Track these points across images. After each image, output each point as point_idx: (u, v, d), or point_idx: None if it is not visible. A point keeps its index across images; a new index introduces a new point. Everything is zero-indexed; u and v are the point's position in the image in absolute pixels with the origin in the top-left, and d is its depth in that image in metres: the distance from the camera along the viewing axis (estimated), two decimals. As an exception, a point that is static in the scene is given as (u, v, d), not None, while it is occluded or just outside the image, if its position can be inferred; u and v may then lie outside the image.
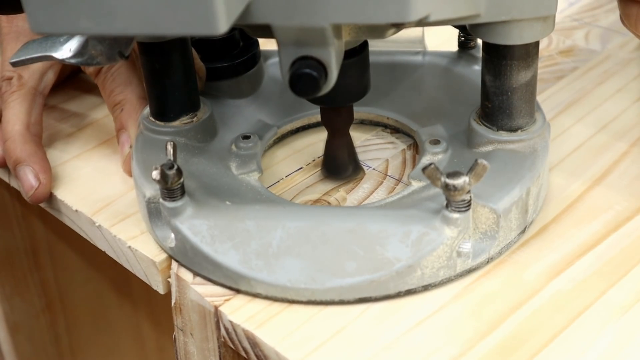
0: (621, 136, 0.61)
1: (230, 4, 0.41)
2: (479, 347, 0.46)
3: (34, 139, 0.61)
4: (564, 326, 0.47)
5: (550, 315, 0.47)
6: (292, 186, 0.58)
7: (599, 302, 0.48)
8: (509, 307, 0.48)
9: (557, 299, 0.48)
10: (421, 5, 0.43)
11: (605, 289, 0.49)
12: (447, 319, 0.47)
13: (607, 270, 0.50)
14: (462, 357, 0.45)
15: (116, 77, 0.61)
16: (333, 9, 0.43)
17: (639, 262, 0.51)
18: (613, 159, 0.59)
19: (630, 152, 0.60)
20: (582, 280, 0.50)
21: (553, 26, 0.50)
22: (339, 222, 0.49)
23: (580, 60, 0.71)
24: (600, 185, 0.57)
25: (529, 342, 0.46)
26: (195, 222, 0.50)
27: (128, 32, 0.41)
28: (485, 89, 0.53)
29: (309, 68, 0.46)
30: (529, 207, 0.51)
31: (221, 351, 0.51)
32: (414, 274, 0.48)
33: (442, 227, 0.48)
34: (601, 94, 0.66)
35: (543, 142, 0.53)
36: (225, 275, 0.49)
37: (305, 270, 0.48)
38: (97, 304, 0.88)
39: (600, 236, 0.53)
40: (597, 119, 0.63)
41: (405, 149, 0.61)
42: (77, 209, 0.58)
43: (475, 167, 0.46)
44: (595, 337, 0.46)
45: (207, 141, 0.58)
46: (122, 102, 0.60)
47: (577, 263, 0.51)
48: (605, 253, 0.51)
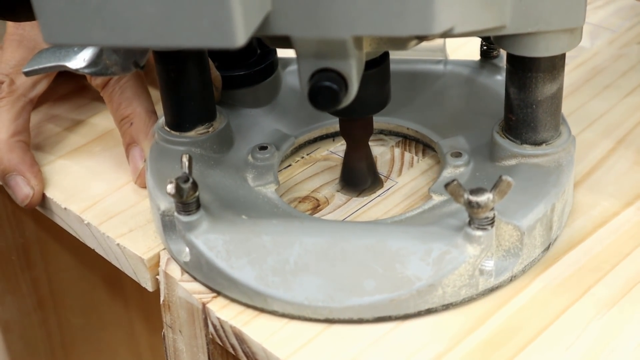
0: (609, 133, 0.61)
1: (248, 15, 0.40)
2: (465, 343, 0.46)
3: (21, 145, 0.61)
4: (550, 322, 0.47)
5: (536, 311, 0.47)
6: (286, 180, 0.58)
7: (584, 297, 0.48)
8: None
9: (543, 295, 0.48)
10: (445, 18, 0.42)
11: (591, 285, 0.49)
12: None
13: (592, 266, 0.50)
14: (449, 352, 0.45)
15: (124, 90, 0.60)
16: (354, 21, 0.42)
17: (624, 257, 0.51)
18: (600, 155, 0.59)
19: (618, 148, 0.59)
20: (568, 276, 0.50)
21: (580, 38, 0.49)
22: (358, 238, 0.48)
23: (569, 56, 0.71)
24: (587, 181, 0.57)
25: (515, 338, 0.46)
26: (211, 236, 0.49)
27: (143, 44, 0.40)
28: (509, 102, 0.51)
29: (329, 81, 0.44)
30: (553, 224, 0.50)
31: (209, 348, 0.51)
32: (434, 292, 0.46)
33: (465, 245, 0.46)
34: (589, 90, 0.66)
35: (568, 156, 0.52)
36: (240, 292, 0.48)
37: (323, 288, 0.46)
38: (88, 302, 0.88)
39: (586, 232, 0.53)
40: (585, 115, 0.63)
41: (394, 145, 0.60)
42: (66, 207, 0.58)
43: (500, 184, 0.45)
44: (581, 333, 0.46)
45: (224, 152, 0.57)
46: (130, 116, 0.59)
47: (563, 259, 0.51)
48: (591, 249, 0.51)
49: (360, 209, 0.56)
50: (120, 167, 0.61)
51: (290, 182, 0.58)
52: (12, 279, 0.81)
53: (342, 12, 0.42)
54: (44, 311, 0.85)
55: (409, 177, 0.58)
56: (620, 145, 0.60)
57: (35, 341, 0.86)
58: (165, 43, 0.40)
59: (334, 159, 0.60)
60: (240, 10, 0.39)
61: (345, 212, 0.55)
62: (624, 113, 0.63)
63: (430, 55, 0.63)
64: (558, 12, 0.46)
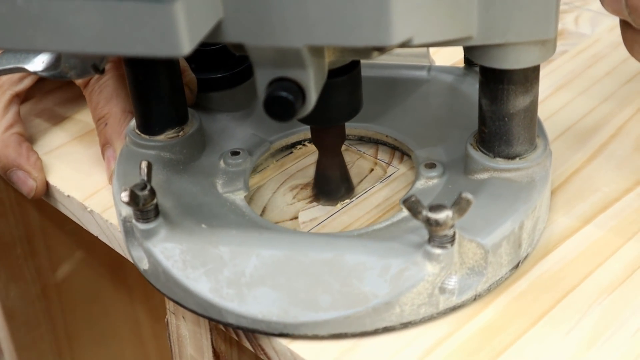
0: (609, 119, 0.61)
1: (195, 23, 0.39)
2: (466, 328, 0.46)
3: (15, 138, 0.61)
4: (550, 306, 0.47)
5: (536, 295, 0.47)
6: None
7: (586, 282, 0.48)
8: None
9: (545, 279, 0.48)
10: (403, 28, 0.40)
11: (592, 269, 0.49)
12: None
13: (593, 251, 0.50)
14: (450, 337, 0.45)
15: (103, 89, 0.59)
16: (307, 30, 0.40)
17: (626, 242, 0.51)
18: (601, 141, 0.59)
19: (618, 134, 0.60)
20: (569, 261, 0.50)
21: (554, 50, 0.47)
22: (316, 252, 0.46)
23: (570, 43, 0.72)
24: (588, 167, 0.57)
25: (515, 322, 0.46)
26: (168, 245, 0.48)
27: (86, 51, 0.39)
28: (481, 113, 0.50)
29: (285, 91, 0.43)
30: (522, 242, 0.48)
31: (213, 334, 0.51)
32: (392, 310, 0.45)
33: (424, 263, 0.45)
34: (590, 77, 0.66)
35: (542, 171, 0.50)
36: (196, 303, 0.47)
37: (278, 302, 0.45)
38: (92, 290, 0.89)
39: (588, 217, 0.53)
40: (586, 102, 0.63)
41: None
42: (69, 195, 0.59)
43: (460, 202, 0.43)
44: (581, 318, 0.46)
45: (194, 156, 0.56)
46: (106, 116, 0.58)
47: (564, 243, 0.51)
48: (592, 234, 0.51)
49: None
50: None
51: (292, 169, 0.58)
52: (16, 268, 0.81)
53: (294, 21, 0.40)
54: (48, 299, 0.85)
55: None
56: (621, 130, 0.60)
57: (39, 329, 0.86)
58: (108, 50, 0.39)
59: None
60: (185, 19, 0.38)
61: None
62: (625, 99, 0.63)
63: (415, 60, 0.62)
64: (527, 23, 0.44)
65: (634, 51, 0.46)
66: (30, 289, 0.83)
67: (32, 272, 0.83)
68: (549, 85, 0.66)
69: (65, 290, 0.86)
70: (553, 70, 0.68)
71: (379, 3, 0.39)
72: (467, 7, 0.43)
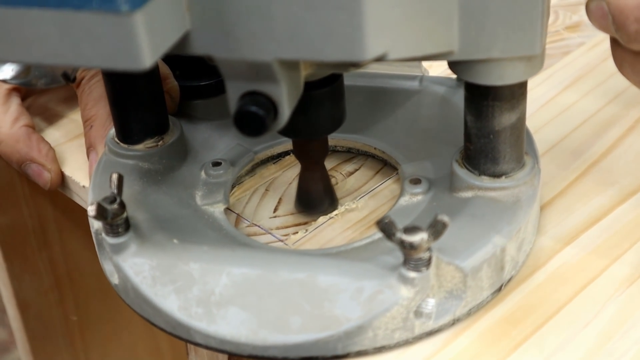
0: (626, 112, 0.61)
1: (157, 35, 0.37)
2: (485, 319, 0.46)
3: (24, 131, 0.60)
4: (568, 299, 0.47)
5: (554, 288, 0.47)
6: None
7: (603, 275, 0.48)
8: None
9: (562, 272, 0.48)
10: (377, 43, 0.39)
11: (609, 263, 0.49)
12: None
13: (611, 244, 0.50)
14: (469, 327, 0.45)
15: (92, 90, 0.58)
16: (277, 44, 0.39)
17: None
18: (618, 133, 0.59)
19: (636, 127, 0.59)
20: (586, 254, 0.49)
21: (541, 65, 0.45)
22: (288, 271, 0.45)
23: (587, 35, 0.71)
24: (606, 159, 0.56)
25: (533, 314, 0.46)
26: (138, 260, 0.46)
27: (43, 62, 0.38)
28: (466, 130, 0.48)
29: (256, 105, 0.41)
30: (505, 264, 0.46)
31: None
32: (365, 334, 0.43)
33: (398, 286, 0.43)
34: (607, 69, 0.65)
35: (530, 190, 0.48)
36: (164, 321, 0.45)
37: (247, 323, 0.44)
38: (105, 281, 0.87)
39: (605, 210, 0.52)
40: (603, 94, 0.62)
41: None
42: (85, 185, 0.58)
43: (435, 224, 0.42)
44: (599, 310, 0.46)
45: (175, 166, 0.54)
46: (92, 119, 0.57)
47: (581, 237, 0.51)
48: (609, 227, 0.51)
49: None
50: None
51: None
52: (30, 259, 0.81)
53: (263, 34, 0.39)
54: (61, 291, 0.85)
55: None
56: (639, 123, 0.59)
57: (52, 320, 0.86)
58: (66, 62, 0.37)
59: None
60: (146, 31, 0.36)
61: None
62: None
63: (407, 69, 0.60)
64: (511, 38, 0.42)
65: (623, 69, 0.44)
66: (43, 280, 0.83)
67: (46, 263, 0.82)
68: (565, 78, 0.65)
69: (79, 281, 0.86)
70: (569, 62, 0.67)
71: (351, 17, 0.38)
72: (446, 21, 0.41)
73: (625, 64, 0.43)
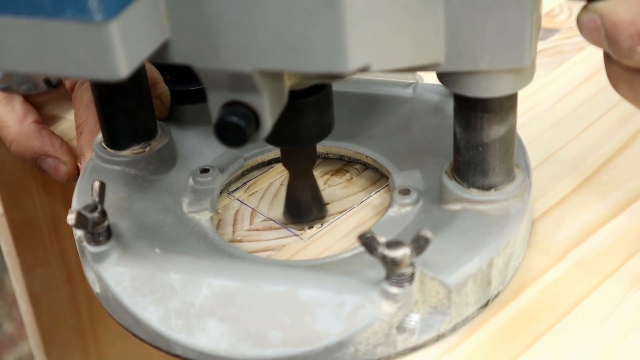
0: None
1: (134, 44, 0.36)
2: (498, 316, 0.46)
3: (34, 127, 0.60)
4: (585, 295, 0.47)
5: (570, 285, 0.47)
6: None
7: (620, 271, 0.48)
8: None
9: (578, 268, 0.48)
10: (359, 54, 0.38)
11: (625, 259, 0.48)
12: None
13: (627, 241, 0.50)
14: (482, 325, 0.45)
15: (83, 95, 0.57)
16: (258, 55, 0.38)
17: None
18: (634, 130, 0.58)
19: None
20: (602, 250, 0.49)
21: (530, 78, 0.44)
22: (269, 284, 0.44)
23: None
24: (621, 156, 0.56)
25: (549, 310, 0.46)
26: (119, 269, 0.46)
27: (18, 70, 0.37)
28: (456, 142, 0.47)
29: (237, 116, 0.41)
30: (492, 279, 0.46)
31: None
32: (345, 350, 0.42)
33: (380, 302, 0.42)
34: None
35: (519, 204, 0.47)
36: (144, 332, 0.45)
37: (227, 336, 0.43)
38: None
39: (620, 206, 0.52)
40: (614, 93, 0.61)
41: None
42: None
43: (418, 240, 0.41)
44: (614, 308, 0.46)
45: (162, 173, 0.54)
46: (82, 125, 0.56)
47: (597, 232, 0.50)
48: (625, 223, 0.51)
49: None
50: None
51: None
52: (42, 252, 0.80)
53: (244, 44, 0.38)
54: (73, 285, 0.85)
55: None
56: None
57: (63, 314, 0.86)
58: (41, 71, 0.37)
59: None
60: (122, 40, 0.36)
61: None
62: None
63: (400, 76, 0.59)
64: (499, 51, 0.41)
65: (619, 87, 0.43)
66: (55, 273, 0.83)
67: (58, 257, 0.82)
68: (580, 73, 0.65)
69: (90, 275, 0.86)
70: (584, 58, 0.67)
71: (333, 28, 0.37)
72: (432, 33, 0.40)
73: (621, 81, 0.42)
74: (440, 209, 0.49)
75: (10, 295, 1.58)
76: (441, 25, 0.40)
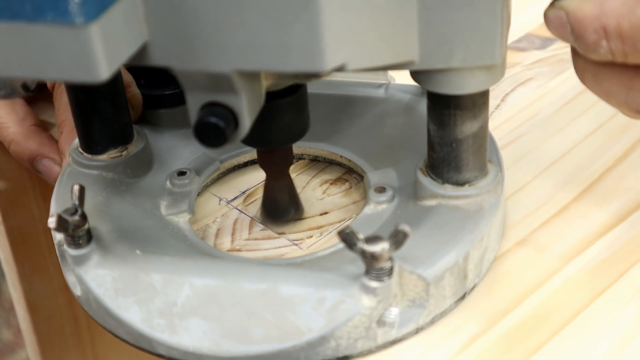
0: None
1: (114, 46, 0.37)
2: (499, 325, 0.45)
3: (33, 129, 0.60)
4: (586, 304, 0.46)
5: (571, 294, 0.47)
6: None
7: (620, 281, 0.48)
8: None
9: (579, 277, 0.48)
10: (335, 54, 0.39)
11: (626, 269, 0.48)
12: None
13: (627, 250, 0.49)
14: (483, 334, 0.45)
15: (62, 95, 0.58)
16: (235, 56, 0.39)
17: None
18: (634, 139, 0.58)
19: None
20: (602, 260, 0.49)
21: (502, 74, 0.45)
22: (251, 282, 0.45)
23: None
24: (621, 165, 0.56)
25: (550, 320, 0.46)
26: (100, 272, 0.46)
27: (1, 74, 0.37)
28: (430, 139, 0.48)
29: (216, 116, 0.41)
30: (468, 272, 0.47)
31: None
32: (327, 344, 0.43)
33: (360, 296, 0.43)
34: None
35: (493, 198, 0.48)
36: (127, 333, 0.45)
37: (210, 334, 0.44)
38: None
39: (621, 216, 0.52)
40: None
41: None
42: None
43: (396, 234, 0.42)
44: (616, 317, 0.46)
45: (139, 176, 0.54)
46: (62, 124, 0.57)
47: (597, 242, 0.50)
48: (625, 233, 0.51)
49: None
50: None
51: (321, 163, 0.58)
52: (40, 260, 0.81)
53: (221, 46, 0.39)
54: (71, 293, 0.83)
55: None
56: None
57: (61, 322, 0.86)
58: (21, 74, 0.37)
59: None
60: (102, 43, 0.36)
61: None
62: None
63: (373, 77, 0.60)
64: (470, 48, 0.42)
65: (585, 80, 0.44)
66: (53, 281, 0.83)
67: (55, 264, 0.81)
68: (579, 83, 0.63)
69: (88, 283, 0.86)
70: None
71: (309, 28, 0.38)
72: (406, 31, 0.41)
73: (587, 74, 0.43)
74: (415, 205, 0.50)
75: (8, 302, 1.57)
76: (415, 23, 0.41)
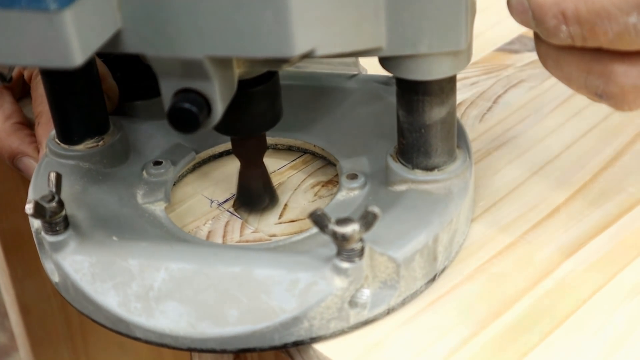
0: (634, 117, 0.61)
1: (88, 33, 0.38)
2: (491, 328, 0.46)
3: (17, 127, 0.60)
4: (577, 307, 0.47)
5: (562, 296, 0.47)
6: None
7: (612, 283, 0.48)
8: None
9: (570, 280, 0.48)
10: (304, 39, 0.40)
11: (617, 271, 0.49)
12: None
13: (619, 252, 0.50)
14: (474, 336, 0.45)
15: (38, 86, 0.58)
16: (206, 41, 0.40)
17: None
18: (626, 140, 0.59)
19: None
20: (594, 262, 0.49)
21: (468, 60, 0.46)
22: (225, 265, 0.46)
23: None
24: (614, 166, 0.57)
25: (541, 323, 0.46)
26: (77, 258, 0.47)
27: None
28: (399, 125, 0.49)
29: (189, 102, 0.42)
30: (438, 255, 0.48)
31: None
32: (300, 325, 0.44)
33: (332, 277, 0.44)
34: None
35: (462, 183, 0.50)
36: (105, 317, 0.46)
37: (185, 317, 0.44)
38: None
39: (613, 217, 0.52)
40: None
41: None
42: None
43: (366, 216, 0.43)
44: (608, 319, 0.46)
45: (116, 166, 0.55)
46: (39, 115, 0.57)
47: (589, 244, 0.51)
48: (617, 234, 0.51)
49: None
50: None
51: (314, 164, 0.58)
52: (32, 263, 0.80)
53: (192, 31, 0.40)
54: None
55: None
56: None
57: (54, 325, 0.86)
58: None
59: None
60: (75, 29, 0.37)
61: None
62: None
63: (344, 68, 0.61)
64: (436, 34, 0.44)
65: (547, 65, 0.45)
66: (46, 284, 0.82)
67: None
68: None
69: (81, 286, 0.86)
70: None
71: (278, 14, 0.39)
72: (374, 18, 0.43)
73: (549, 60, 0.45)
74: (386, 191, 0.51)
75: (1, 306, 1.57)
76: (382, 10, 0.42)
